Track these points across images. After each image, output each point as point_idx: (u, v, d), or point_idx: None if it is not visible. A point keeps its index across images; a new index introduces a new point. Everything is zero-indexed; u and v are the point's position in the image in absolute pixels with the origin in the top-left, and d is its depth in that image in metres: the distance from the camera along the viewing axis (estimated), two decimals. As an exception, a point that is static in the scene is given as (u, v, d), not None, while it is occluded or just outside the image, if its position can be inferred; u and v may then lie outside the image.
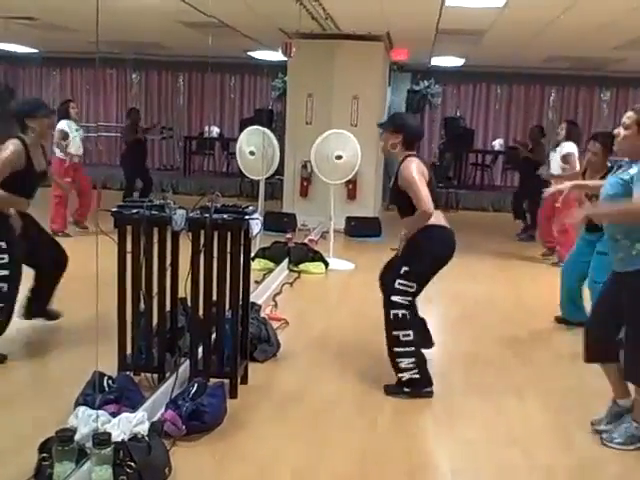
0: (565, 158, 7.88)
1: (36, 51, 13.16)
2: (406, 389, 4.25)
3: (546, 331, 5.23)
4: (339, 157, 7.74)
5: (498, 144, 14.30)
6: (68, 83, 15.20)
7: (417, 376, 4.20)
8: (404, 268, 4.15)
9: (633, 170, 3.37)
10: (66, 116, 8.52)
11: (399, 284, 4.13)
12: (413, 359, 4.17)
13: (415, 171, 4.08)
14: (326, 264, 7.58)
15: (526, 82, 14.54)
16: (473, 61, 12.56)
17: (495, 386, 4.47)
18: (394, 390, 4.27)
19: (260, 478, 3.22)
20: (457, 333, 5.74)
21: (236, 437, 3.54)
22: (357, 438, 3.63)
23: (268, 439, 3.56)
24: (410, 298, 4.17)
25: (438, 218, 4.21)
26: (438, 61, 12.71)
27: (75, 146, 8.47)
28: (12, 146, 4.32)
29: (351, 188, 10.17)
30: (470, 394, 4.34)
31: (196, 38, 8.91)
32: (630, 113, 3.49)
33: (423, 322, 4.68)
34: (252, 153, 7.88)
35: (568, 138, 8.03)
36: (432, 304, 6.43)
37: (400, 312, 4.14)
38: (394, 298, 4.14)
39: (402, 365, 4.19)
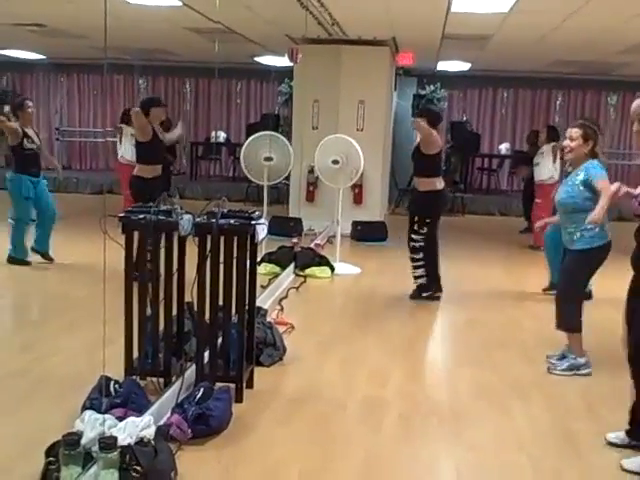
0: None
1: (44, 57, 13.24)
2: (424, 294, 6.52)
3: (553, 334, 5.21)
4: (335, 162, 7.74)
5: (504, 148, 14.30)
6: (75, 89, 15.28)
7: (425, 282, 6.50)
8: (417, 219, 6.39)
9: (581, 176, 4.52)
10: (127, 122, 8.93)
11: (416, 227, 6.38)
12: (422, 269, 6.47)
13: (437, 137, 6.49)
14: (332, 268, 7.59)
15: (532, 86, 14.54)
16: (479, 65, 12.57)
17: (502, 390, 4.47)
18: (415, 296, 6.54)
19: (266, 482, 3.23)
20: (463, 337, 5.75)
21: (242, 441, 3.55)
22: (363, 442, 3.63)
23: (274, 443, 3.57)
24: (422, 237, 6.36)
25: (441, 182, 6.40)
26: (444, 66, 12.73)
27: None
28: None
29: (357, 192, 10.19)
30: (476, 398, 4.34)
31: (203, 44, 8.97)
32: (576, 129, 4.55)
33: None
34: (269, 159, 7.87)
35: (548, 142, 9.10)
36: (439, 309, 6.47)
37: (417, 244, 6.41)
38: (413, 236, 6.41)
39: (416, 273, 6.51)
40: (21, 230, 7.10)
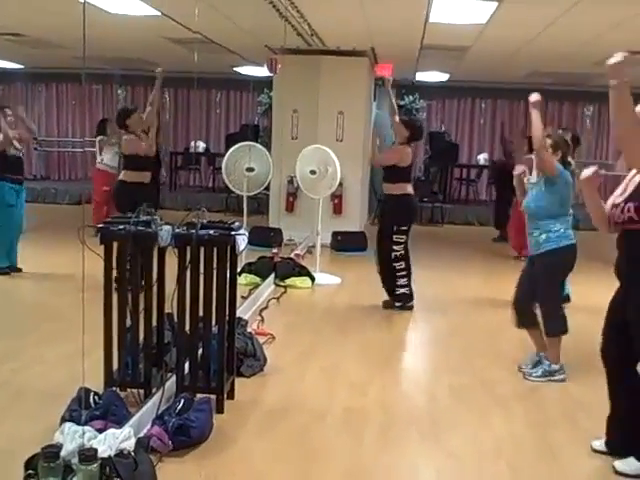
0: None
1: (22, 67, 13.16)
2: (397, 304, 6.52)
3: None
4: (313, 172, 7.79)
5: (482, 158, 14.38)
6: (54, 98, 15.19)
7: (407, 292, 6.54)
8: (395, 227, 6.44)
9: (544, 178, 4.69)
10: (103, 132, 9.13)
11: (395, 237, 6.44)
12: (406, 279, 6.50)
13: (409, 154, 6.52)
14: (312, 279, 7.59)
15: (510, 97, 14.65)
16: (457, 76, 12.66)
17: (481, 399, 4.49)
18: (388, 305, 6.58)
19: (247, 493, 3.22)
20: (443, 347, 5.77)
21: (223, 452, 3.54)
22: (343, 453, 3.63)
23: (254, 454, 3.56)
24: (403, 245, 6.46)
25: (411, 188, 6.55)
26: (423, 76, 12.81)
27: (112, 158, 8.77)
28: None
29: (337, 203, 10.21)
30: (456, 406, 4.36)
31: (182, 54, 8.95)
32: (547, 140, 4.78)
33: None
34: (250, 169, 7.88)
35: (529, 153, 8.94)
36: (418, 318, 6.49)
37: (398, 253, 6.46)
38: (394, 247, 6.46)
39: (399, 282, 6.50)
40: (6, 238, 7.06)
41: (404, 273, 6.53)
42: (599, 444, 3.69)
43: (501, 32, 8.01)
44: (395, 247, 6.48)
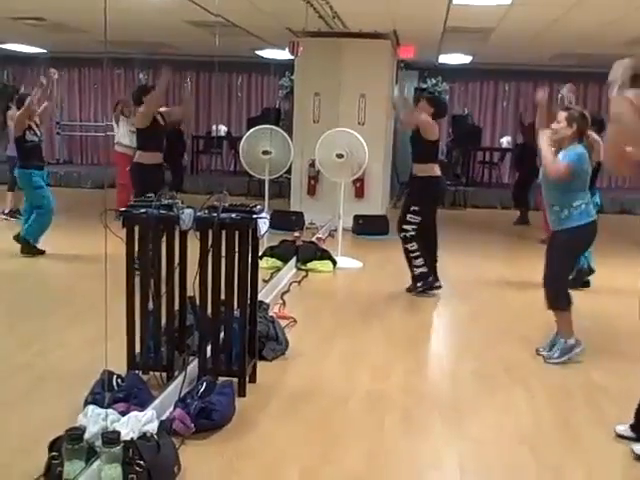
0: None
1: (44, 51, 13.21)
2: (419, 284, 6.42)
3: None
4: (340, 156, 7.73)
5: (506, 141, 14.26)
6: (76, 83, 15.25)
7: (425, 270, 6.37)
8: (412, 207, 6.33)
9: (561, 155, 4.65)
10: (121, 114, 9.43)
11: (409, 217, 6.32)
12: (421, 259, 6.36)
13: (435, 127, 6.50)
14: (334, 262, 7.58)
15: (534, 79, 14.45)
16: (481, 58, 12.53)
17: (504, 384, 4.47)
18: (412, 288, 6.47)
19: (268, 476, 3.22)
20: (466, 331, 5.74)
21: (245, 435, 3.55)
22: (366, 437, 3.63)
23: (277, 437, 3.57)
24: (415, 226, 6.30)
25: (438, 169, 6.45)
26: (446, 59, 12.70)
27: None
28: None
29: (359, 186, 10.17)
30: (479, 391, 4.34)
31: (203, 37, 8.93)
32: (563, 113, 4.80)
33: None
34: (266, 152, 7.87)
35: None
36: (441, 302, 6.46)
37: (408, 233, 6.33)
38: (405, 226, 6.33)
39: (415, 263, 6.38)
40: (42, 219, 7.31)
41: (417, 254, 6.39)
42: (623, 429, 3.66)
43: (526, 12, 7.90)
44: (406, 227, 6.35)
